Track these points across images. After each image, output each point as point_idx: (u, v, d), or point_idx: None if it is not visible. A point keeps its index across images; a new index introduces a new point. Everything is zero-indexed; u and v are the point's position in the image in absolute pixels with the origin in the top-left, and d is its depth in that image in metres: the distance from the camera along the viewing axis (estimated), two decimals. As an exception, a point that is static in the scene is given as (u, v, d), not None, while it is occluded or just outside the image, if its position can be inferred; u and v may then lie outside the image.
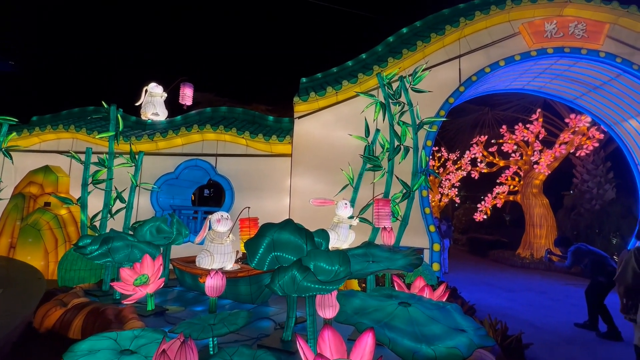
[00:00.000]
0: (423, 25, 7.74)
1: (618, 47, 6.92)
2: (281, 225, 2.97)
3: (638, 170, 8.24)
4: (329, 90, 6.92)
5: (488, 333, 3.42)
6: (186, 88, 8.61)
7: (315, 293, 2.52)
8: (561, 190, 14.31)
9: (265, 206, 7.00)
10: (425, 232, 6.38)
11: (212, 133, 7.37)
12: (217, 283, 3.48)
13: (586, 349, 4.14)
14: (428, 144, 6.58)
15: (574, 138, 12.20)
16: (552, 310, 6.07)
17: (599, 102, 8.09)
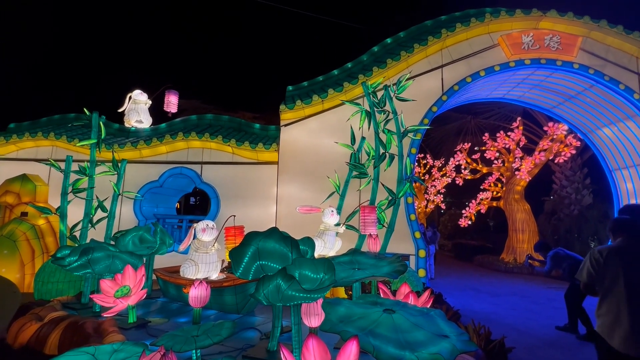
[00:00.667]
0: (407, 36, 7.95)
1: (591, 59, 7.26)
2: (266, 233, 2.96)
3: (612, 177, 8.58)
4: (315, 98, 6.99)
5: (472, 338, 3.48)
6: (171, 95, 8.53)
7: (300, 302, 2.52)
8: (541, 196, 14.72)
9: (251, 214, 6.95)
10: (411, 238, 6.44)
11: (197, 141, 7.31)
12: (201, 293, 3.42)
13: (567, 351, 4.24)
14: (412, 151, 6.70)
15: (552, 145, 12.62)
16: (534, 313, 6.19)
17: (575, 111, 8.43)
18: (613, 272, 2.43)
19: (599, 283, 2.48)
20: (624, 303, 2.36)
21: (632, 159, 7.93)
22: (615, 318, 2.37)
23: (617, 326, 2.35)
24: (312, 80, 8.01)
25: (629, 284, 2.38)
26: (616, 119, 7.75)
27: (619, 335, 2.33)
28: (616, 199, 8.52)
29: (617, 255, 2.46)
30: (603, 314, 2.47)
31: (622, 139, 7.97)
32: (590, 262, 2.52)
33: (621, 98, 7.22)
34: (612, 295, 2.42)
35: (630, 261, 2.43)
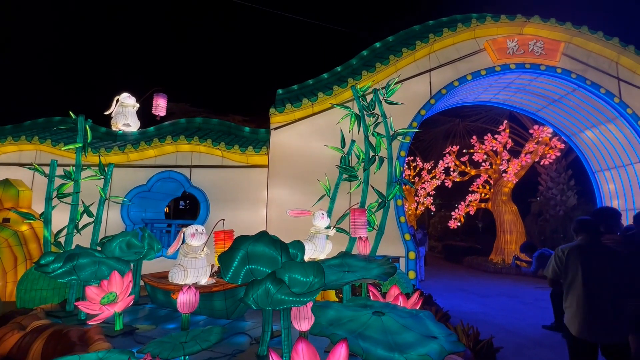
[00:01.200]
0: (395, 40, 8.04)
1: (573, 64, 7.46)
2: (255, 237, 2.95)
3: (595, 178, 8.81)
4: (304, 101, 7.00)
5: (461, 339, 3.51)
6: (159, 98, 8.43)
7: (289, 305, 2.51)
8: (528, 198, 15.02)
9: (241, 218, 6.90)
10: (401, 240, 6.48)
11: (186, 144, 7.23)
12: (189, 299, 3.38)
13: (554, 350, 4.31)
14: (402, 154, 6.76)
15: (537, 148, 12.90)
16: (523, 313, 6.29)
17: (558, 114, 8.64)
18: (573, 268, 2.63)
19: (563, 278, 2.64)
20: (582, 295, 2.56)
21: (614, 161, 8.16)
22: (576, 309, 2.58)
23: (577, 316, 2.56)
24: (302, 84, 8.03)
25: (586, 278, 2.56)
26: (598, 122, 7.97)
27: (578, 324, 2.55)
28: (599, 199, 8.75)
29: (577, 253, 2.64)
30: (568, 306, 2.68)
31: (604, 142, 8.20)
32: (554, 260, 2.70)
33: (602, 102, 7.43)
34: (573, 289, 2.62)
35: (588, 257, 2.60)
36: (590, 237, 2.73)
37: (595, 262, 2.59)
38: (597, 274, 2.56)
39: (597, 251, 2.65)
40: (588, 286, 2.54)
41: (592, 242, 2.71)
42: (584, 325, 2.51)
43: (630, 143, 7.55)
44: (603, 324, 2.47)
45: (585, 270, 2.57)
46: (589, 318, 2.49)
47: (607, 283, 2.53)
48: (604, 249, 2.68)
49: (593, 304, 2.51)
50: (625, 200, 7.93)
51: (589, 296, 2.52)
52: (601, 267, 2.58)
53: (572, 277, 2.63)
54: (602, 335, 2.47)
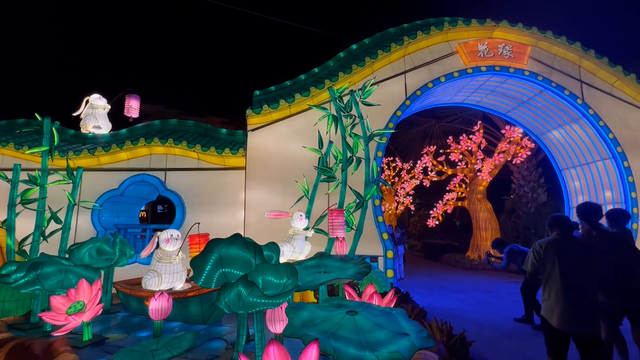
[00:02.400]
0: (371, 43, 8.17)
1: (539, 66, 7.81)
2: (229, 240, 2.91)
3: (562, 176, 9.25)
4: (282, 103, 6.98)
5: (435, 334, 3.59)
6: (132, 100, 8.18)
7: (262, 308, 2.49)
8: (502, 195, 15.55)
9: (218, 221, 6.80)
10: (379, 240, 6.57)
11: (160, 146, 7.05)
12: (162, 305, 3.29)
13: (523, 341, 4.49)
14: (379, 154, 6.86)
15: (509, 147, 13.40)
16: (496, 307, 6.51)
17: (527, 115, 9.02)
18: (550, 262, 2.72)
19: (541, 272, 2.74)
20: (560, 288, 2.67)
21: (578, 159, 8.59)
22: (554, 301, 2.69)
23: (555, 308, 2.67)
24: (280, 85, 8.01)
25: (562, 271, 2.68)
26: (563, 122, 8.37)
27: (556, 316, 2.66)
28: (566, 196, 9.18)
29: (553, 247, 2.74)
30: (546, 298, 2.78)
31: (569, 141, 8.62)
32: (533, 254, 2.80)
33: (567, 103, 7.81)
34: (551, 282, 2.73)
35: (564, 252, 2.71)
36: (564, 232, 2.84)
37: (570, 256, 2.71)
38: (572, 268, 2.68)
39: (571, 246, 2.77)
40: (564, 279, 2.65)
41: (567, 237, 2.83)
42: (561, 316, 2.62)
43: (592, 142, 7.97)
44: (578, 316, 2.59)
45: (561, 264, 2.69)
46: (566, 309, 2.61)
47: (581, 276, 2.66)
48: (578, 243, 2.81)
49: (569, 296, 2.62)
50: (589, 196, 8.36)
51: (566, 289, 2.64)
52: (575, 261, 2.70)
53: (549, 271, 2.74)
54: (576, 326, 2.59)
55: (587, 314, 2.57)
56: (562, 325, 2.61)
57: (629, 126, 7.73)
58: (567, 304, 2.60)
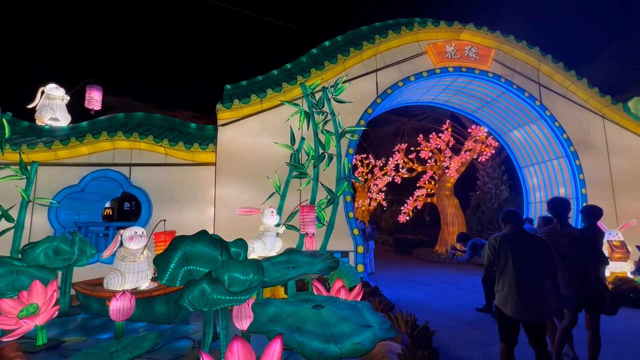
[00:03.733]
0: (344, 40, 8.22)
1: (502, 69, 8.20)
2: (194, 237, 2.86)
3: (522, 173, 9.80)
4: (253, 98, 6.89)
5: (400, 326, 3.72)
6: (93, 91, 7.75)
7: (227, 305, 2.47)
8: (468, 192, 16.23)
9: (187, 218, 6.63)
10: (350, 235, 6.67)
11: (125, 141, 6.75)
12: (124, 305, 3.18)
13: (483, 330, 4.73)
14: (350, 151, 6.94)
15: (475, 146, 13.99)
16: (460, 299, 6.81)
17: (491, 115, 9.45)
18: (504, 255, 2.89)
19: (496, 264, 2.90)
20: (513, 279, 2.83)
21: (536, 157, 9.13)
22: (508, 292, 2.85)
23: (509, 298, 2.83)
24: (251, 80, 7.89)
25: (514, 263, 2.85)
26: (523, 123, 8.86)
27: (510, 305, 2.82)
28: (525, 192, 9.75)
29: (507, 241, 2.90)
30: (500, 289, 2.94)
31: (528, 140, 9.14)
32: (488, 248, 2.95)
33: (526, 104, 8.27)
34: (505, 274, 2.89)
35: (516, 245, 2.88)
36: (516, 226, 3.02)
37: (520, 249, 2.89)
38: (522, 260, 2.86)
39: (521, 239, 2.96)
40: (516, 271, 2.83)
41: (518, 230, 3.01)
42: (513, 305, 2.79)
43: (548, 141, 8.49)
44: (528, 305, 2.77)
45: (513, 257, 2.86)
46: (518, 299, 2.79)
47: (530, 267, 2.84)
48: (527, 236, 2.99)
49: (521, 286, 2.80)
50: (546, 192, 8.92)
51: (517, 280, 2.81)
52: (525, 253, 2.88)
53: (503, 263, 2.91)
54: (527, 314, 2.77)
55: (536, 302, 2.77)
56: (514, 313, 2.79)
57: (580, 127, 8.31)
58: (519, 294, 2.78)
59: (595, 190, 7.93)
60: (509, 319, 2.83)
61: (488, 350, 3.91)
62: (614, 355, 3.83)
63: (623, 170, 8.19)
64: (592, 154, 8.16)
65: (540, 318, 2.80)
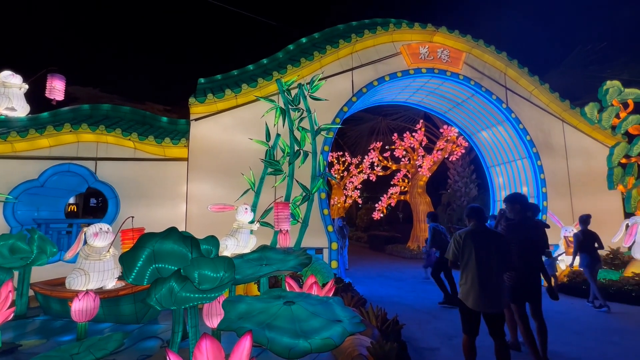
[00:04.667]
0: (320, 37, 8.23)
1: (472, 72, 8.52)
2: (163, 234, 2.78)
3: (489, 172, 10.26)
4: (228, 92, 6.76)
5: (371, 320, 3.81)
6: (55, 80, 7.29)
7: (196, 303, 2.43)
8: (439, 190, 16.78)
9: (158, 215, 6.43)
10: (324, 232, 6.72)
11: (90, 134, 6.43)
12: (86, 305, 3.05)
13: (449, 322, 4.93)
14: (325, 149, 6.98)
15: (447, 145, 14.48)
16: (429, 293, 7.06)
17: (462, 116, 9.81)
18: (468, 250, 3.03)
19: (460, 259, 3.04)
20: (475, 273, 2.98)
21: (502, 158, 9.59)
22: (470, 285, 3.00)
23: (472, 291, 2.98)
24: (226, 74, 7.73)
25: (478, 259, 2.99)
26: (491, 124, 9.27)
27: (472, 298, 2.97)
28: (492, 190, 10.21)
29: (470, 237, 3.05)
30: (463, 283, 3.09)
31: (495, 141, 9.57)
32: (454, 243, 3.09)
33: (494, 107, 8.65)
34: (468, 268, 3.04)
35: (479, 240, 3.03)
36: (479, 222, 3.16)
37: (482, 244, 3.05)
38: (485, 255, 3.01)
39: (484, 235, 3.11)
40: (479, 265, 2.97)
41: (481, 227, 3.15)
42: (476, 298, 2.94)
43: (513, 143, 8.94)
44: (489, 297, 2.93)
45: (477, 252, 3.01)
46: (480, 293, 2.93)
47: (491, 262, 3.00)
48: (490, 232, 3.14)
49: (482, 280, 2.95)
50: (510, 191, 9.39)
51: (480, 274, 2.96)
52: (488, 248, 3.04)
53: (467, 258, 3.05)
54: (488, 306, 2.93)
55: (495, 295, 2.93)
56: (477, 306, 2.94)
57: (542, 130, 8.80)
58: (480, 287, 2.94)
59: (554, 189, 8.44)
60: (472, 311, 2.98)
61: (453, 342, 4.09)
62: (564, 344, 4.13)
63: (579, 170, 8.77)
64: (552, 155, 8.68)
65: (500, 309, 2.97)
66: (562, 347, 4.00)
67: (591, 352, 3.89)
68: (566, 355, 3.77)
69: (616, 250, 7.88)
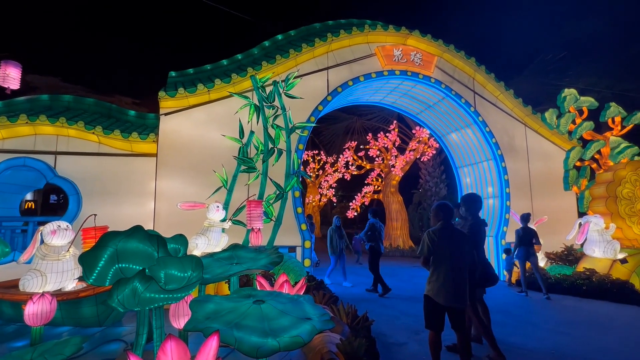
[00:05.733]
0: (296, 35, 8.20)
1: (443, 75, 8.81)
2: (128, 232, 2.67)
3: (458, 173, 10.66)
4: (200, 87, 6.58)
5: (342, 317, 3.86)
6: (10, 67, 6.75)
7: (162, 303, 2.36)
8: (411, 189, 17.23)
9: (123, 213, 6.16)
10: (297, 230, 6.72)
11: (49, 126, 6.05)
12: (42, 308, 2.88)
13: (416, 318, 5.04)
14: (300, 147, 6.97)
15: (419, 146, 14.90)
16: (399, 289, 7.25)
17: (433, 118, 10.12)
18: (438, 248, 3.16)
19: (433, 256, 3.14)
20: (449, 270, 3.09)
21: (470, 159, 9.99)
22: (443, 281, 3.10)
23: (443, 287, 3.08)
24: (199, 68, 7.53)
25: (451, 255, 3.12)
26: (460, 126, 9.63)
27: (444, 294, 3.07)
28: (460, 190, 10.62)
29: (439, 234, 3.15)
30: (434, 280, 3.17)
31: (464, 143, 9.95)
32: (428, 240, 3.18)
33: (463, 110, 8.99)
34: (441, 265, 3.13)
35: (449, 237, 3.15)
36: (446, 221, 3.28)
37: (454, 241, 3.16)
38: (456, 252, 3.12)
39: (452, 232, 3.23)
40: (452, 262, 3.09)
41: (448, 225, 3.27)
42: (447, 295, 3.04)
43: (480, 145, 9.34)
44: (458, 293, 3.06)
45: (448, 249, 3.12)
46: (451, 289, 3.05)
47: (458, 259, 3.11)
48: (456, 230, 3.26)
49: (455, 276, 3.07)
50: (476, 190, 9.81)
51: (452, 271, 3.08)
52: (457, 245, 3.15)
53: (437, 256, 3.14)
54: (455, 302, 3.05)
55: (462, 291, 3.07)
56: (447, 301, 3.05)
57: (507, 133, 9.26)
58: (451, 284, 3.05)
59: (517, 189, 8.91)
60: (439, 307, 3.08)
61: (419, 336, 4.23)
62: (521, 335, 4.40)
63: (539, 172, 9.31)
64: (515, 157, 9.15)
65: (463, 304, 3.11)
66: (519, 338, 4.25)
67: (544, 342, 4.15)
68: (522, 346, 4.01)
69: (570, 247, 8.45)
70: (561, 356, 3.72)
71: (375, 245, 7.19)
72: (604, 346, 4.01)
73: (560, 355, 3.74)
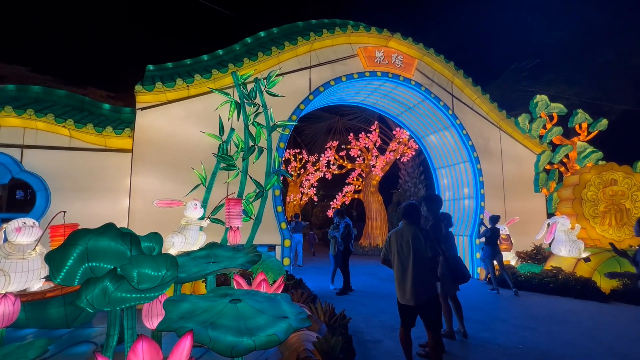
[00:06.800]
0: (279, 33, 8.15)
1: (423, 78, 9.00)
2: (99, 230, 2.59)
3: (436, 174, 10.93)
4: (179, 82, 6.43)
5: (319, 315, 3.89)
6: (-27, 55, 6.40)
7: (133, 303, 2.30)
8: (391, 189, 17.53)
9: (96, 210, 5.95)
10: (277, 229, 6.70)
11: (15, 117, 5.75)
12: (4, 309, 2.75)
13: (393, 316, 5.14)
14: (281, 145, 6.94)
15: (399, 147, 15.16)
16: (376, 287, 7.37)
17: (413, 119, 10.32)
18: (393, 248, 3.25)
19: (390, 257, 3.26)
20: (398, 269, 3.19)
21: (447, 161, 10.27)
22: (398, 281, 3.20)
23: (402, 287, 3.16)
24: (178, 63, 7.35)
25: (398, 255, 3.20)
26: (438, 129, 9.87)
27: (399, 292, 3.17)
28: (437, 191, 10.89)
29: (397, 235, 3.24)
30: (394, 280, 3.28)
31: (442, 145, 10.22)
32: (386, 242, 3.32)
33: (441, 112, 9.22)
34: (396, 265, 3.23)
35: (400, 237, 3.22)
36: (405, 220, 3.31)
37: (404, 241, 3.19)
38: (405, 252, 3.16)
39: (403, 232, 3.25)
40: (400, 262, 3.16)
41: (405, 225, 3.29)
42: (408, 294, 3.09)
43: (457, 147, 9.62)
44: (421, 291, 3.08)
45: (399, 249, 3.17)
46: (402, 287, 3.13)
47: (416, 258, 3.12)
48: (411, 230, 3.25)
49: (400, 277, 3.15)
50: (454, 192, 10.11)
51: (399, 269, 3.16)
52: (408, 245, 3.16)
53: (393, 255, 3.22)
54: (420, 299, 3.08)
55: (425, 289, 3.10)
56: (402, 299, 3.13)
57: (482, 136, 9.58)
58: (412, 282, 3.08)
59: (491, 190, 9.24)
60: (405, 306, 3.14)
61: (395, 333, 4.30)
62: (491, 331, 4.58)
63: (512, 175, 9.69)
64: (490, 159, 9.48)
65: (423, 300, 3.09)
66: (488, 334, 4.42)
67: (512, 337, 4.34)
68: (492, 341, 4.17)
69: (539, 247, 8.85)
70: (527, 350, 3.90)
71: (349, 245, 7.31)
72: (568, 340, 4.23)
73: (527, 350, 3.92)
